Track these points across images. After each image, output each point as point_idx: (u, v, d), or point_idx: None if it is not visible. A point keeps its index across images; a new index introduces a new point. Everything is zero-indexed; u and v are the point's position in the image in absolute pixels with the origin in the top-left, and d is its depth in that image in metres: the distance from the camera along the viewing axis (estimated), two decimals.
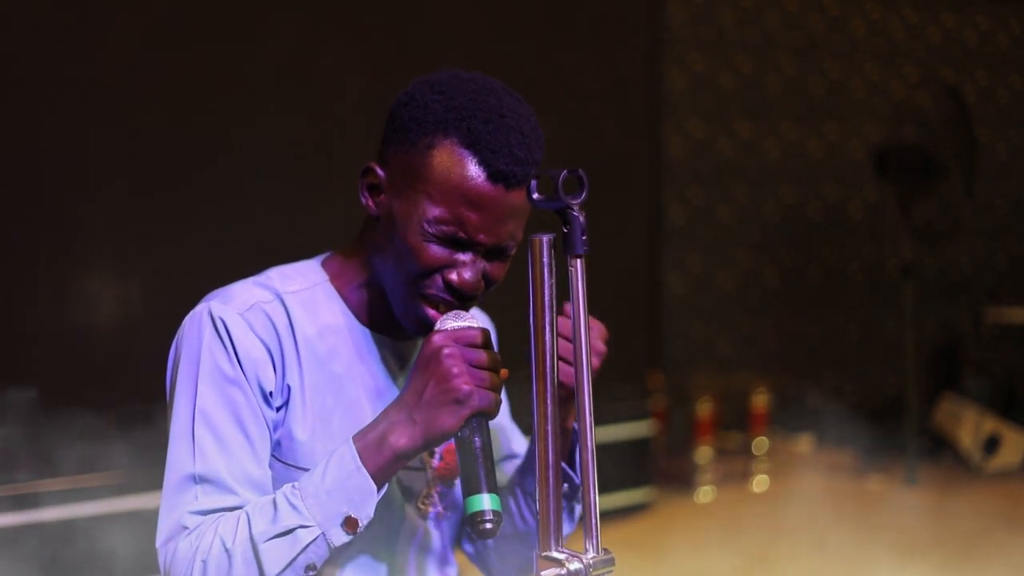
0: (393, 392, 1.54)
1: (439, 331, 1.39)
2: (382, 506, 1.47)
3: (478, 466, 1.32)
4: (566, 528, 1.58)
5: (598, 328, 1.52)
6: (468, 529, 1.29)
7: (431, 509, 1.58)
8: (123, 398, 3.06)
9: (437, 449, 1.57)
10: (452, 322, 1.41)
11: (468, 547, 1.73)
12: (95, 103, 3.21)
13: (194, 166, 3.38)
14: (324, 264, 1.57)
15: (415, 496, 1.57)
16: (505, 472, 1.71)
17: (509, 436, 1.74)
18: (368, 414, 1.48)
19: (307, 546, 1.34)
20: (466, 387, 1.33)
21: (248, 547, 1.34)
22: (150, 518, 1.44)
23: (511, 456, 1.73)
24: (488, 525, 1.29)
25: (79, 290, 3.18)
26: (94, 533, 3.06)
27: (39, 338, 3.14)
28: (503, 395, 1.74)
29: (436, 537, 1.60)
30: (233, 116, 3.45)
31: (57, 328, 3.15)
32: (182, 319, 1.50)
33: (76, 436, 3.10)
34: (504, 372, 1.40)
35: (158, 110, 3.32)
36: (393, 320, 1.52)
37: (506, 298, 1.62)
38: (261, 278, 1.53)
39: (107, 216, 3.23)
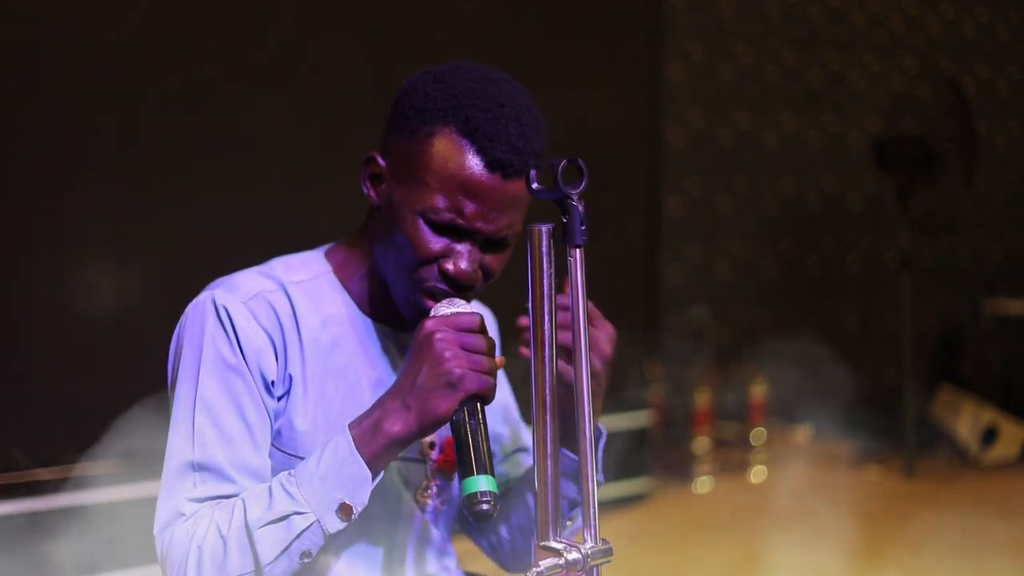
0: None
1: (432, 317, 1.40)
2: (381, 496, 1.48)
3: (474, 449, 1.32)
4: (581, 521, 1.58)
5: (607, 331, 1.51)
6: (466, 512, 1.29)
7: (429, 502, 1.58)
8: (121, 387, 3.06)
9: (437, 442, 1.58)
10: (446, 308, 1.41)
11: (482, 540, 1.74)
12: (93, 91, 3.20)
13: (193, 155, 3.37)
14: (328, 255, 1.58)
15: (414, 488, 1.57)
16: (515, 467, 1.72)
17: (520, 431, 1.75)
18: (369, 404, 1.49)
19: (302, 532, 1.34)
20: (458, 370, 1.33)
21: (243, 533, 1.34)
22: (146, 506, 1.44)
23: (522, 449, 1.74)
24: (485, 506, 1.29)
25: (78, 278, 3.18)
26: (91, 521, 3.06)
27: (37, 326, 3.14)
28: (510, 392, 1.75)
29: (434, 528, 1.61)
30: (233, 104, 3.45)
31: (55, 316, 3.15)
32: (182, 308, 1.51)
33: (73, 424, 3.11)
34: (500, 360, 1.40)
35: (157, 99, 3.32)
36: (395, 310, 1.52)
37: (506, 290, 1.62)
38: (265, 268, 1.54)
39: (106, 205, 3.23)
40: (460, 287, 1.45)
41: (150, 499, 1.45)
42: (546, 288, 1.22)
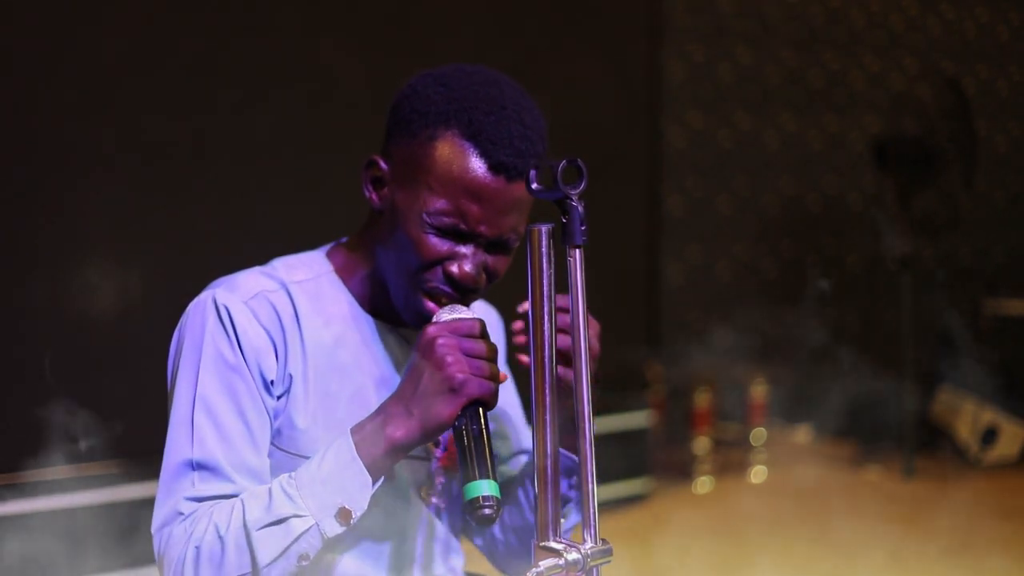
0: (398, 380, 1.54)
1: (434, 323, 1.40)
2: (388, 494, 1.48)
3: (476, 453, 1.32)
4: (573, 518, 1.59)
5: (593, 326, 1.52)
6: (468, 517, 1.30)
7: (432, 500, 1.59)
8: (122, 387, 3.06)
9: (442, 440, 1.58)
10: (448, 314, 1.41)
11: (477, 539, 1.74)
12: (93, 91, 3.20)
13: (194, 155, 3.37)
14: (329, 255, 1.58)
15: (418, 486, 1.57)
16: (512, 468, 1.72)
17: (520, 433, 1.75)
18: (374, 401, 1.49)
19: (300, 536, 1.34)
20: (460, 375, 1.33)
21: (241, 535, 1.34)
22: (146, 506, 1.44)
23: (522, 452, 1.74)
24: (487, 511, 1.29)
25: (78, 278, 3.18)
26: (87, 522, 3.06)
27: (37, 327, 3.14)
28: (514, 392, 1.75)
29: (440, 526, 1.61)
30: (233, 105, 3.45)
31: (55, 316, 3.15)
32: (183, 308, 1.51)
33: (72, 425, 3.10)
34: (503, 376, 1.40)
35: (157, 99, 3.31)
36: (396, 312, 1.52)
37: (506, 290, 1.62)
38: (267, 268, 1.54)
39: (106, 205, 3.22)
40: (464, 290, 1.45)
41: (148, 499, 1.45)
42: (546, 288, 1.22)
